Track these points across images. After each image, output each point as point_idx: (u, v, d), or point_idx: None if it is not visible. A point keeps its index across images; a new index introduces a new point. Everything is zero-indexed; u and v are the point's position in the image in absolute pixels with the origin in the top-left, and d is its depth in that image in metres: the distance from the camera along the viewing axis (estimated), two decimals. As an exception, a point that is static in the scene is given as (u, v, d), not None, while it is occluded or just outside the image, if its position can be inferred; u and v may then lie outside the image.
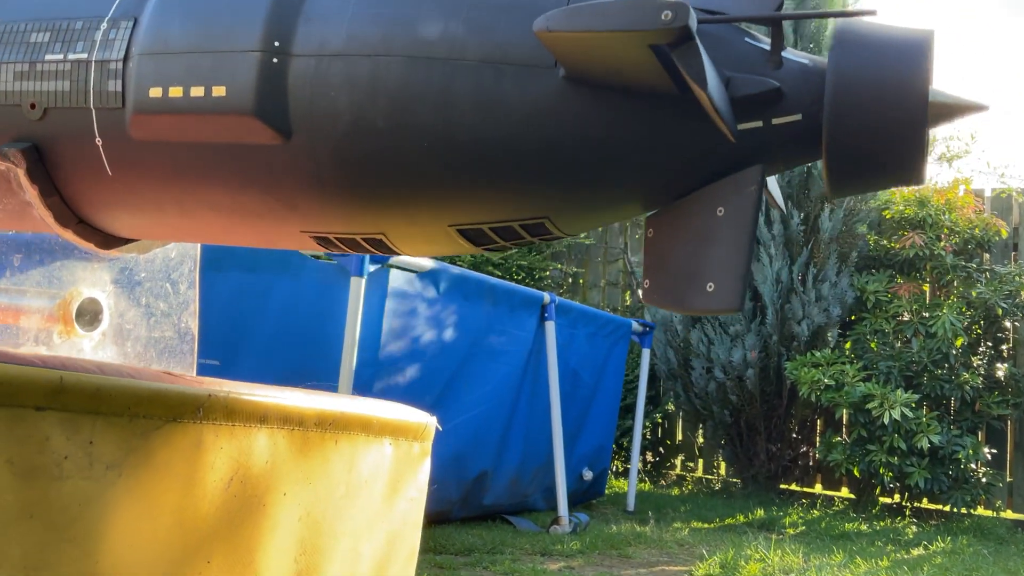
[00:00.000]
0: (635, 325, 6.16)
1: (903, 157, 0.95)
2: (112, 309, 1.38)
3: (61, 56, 1.21)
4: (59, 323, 1.31)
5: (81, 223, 1.29)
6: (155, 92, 1.14)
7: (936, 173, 7.70)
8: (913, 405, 5.41)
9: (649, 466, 7.10)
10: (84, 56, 1.19)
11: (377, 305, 4.35)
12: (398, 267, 4.49)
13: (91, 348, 1.34)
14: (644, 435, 6.86)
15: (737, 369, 6.20)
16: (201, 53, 1.12)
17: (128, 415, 1.09)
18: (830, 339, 6.18)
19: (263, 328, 4.51)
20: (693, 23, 0.84)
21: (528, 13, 1.02)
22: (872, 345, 6.02)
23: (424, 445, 1.72)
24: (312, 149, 1.09)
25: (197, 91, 1.12)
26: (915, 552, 4.92)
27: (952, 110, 0.95)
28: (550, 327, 5.37)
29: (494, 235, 1.12)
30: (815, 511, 5.96)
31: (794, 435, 6.49)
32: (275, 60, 1.09)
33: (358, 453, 1.53)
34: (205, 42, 1.13)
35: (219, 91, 1.11)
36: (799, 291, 6.15)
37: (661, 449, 7.19)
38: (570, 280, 7.92)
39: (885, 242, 6.29)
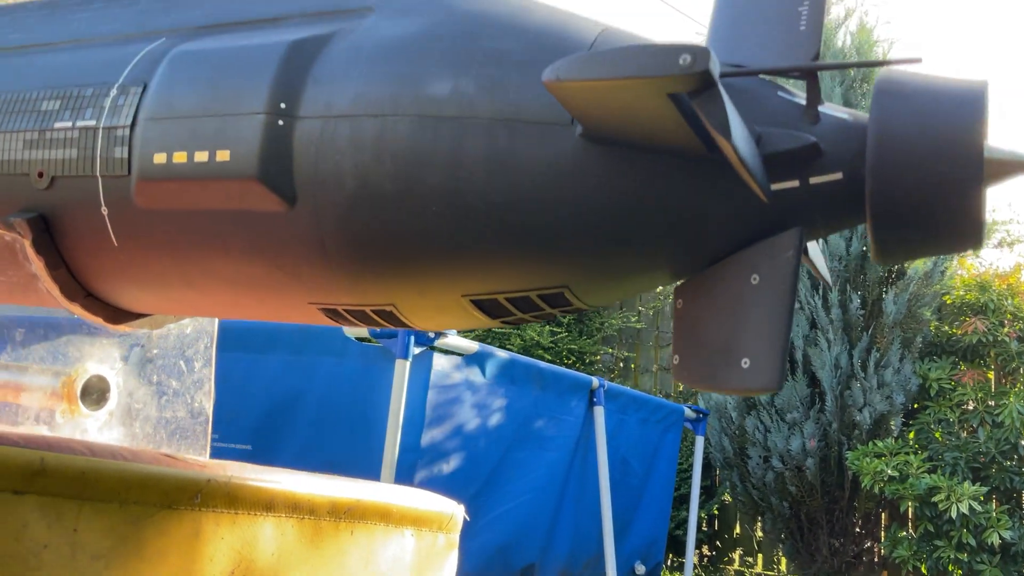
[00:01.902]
0: (688, 411, 5.96)
1: (958, 219, 0.85)
2: (121, 387, 1.32)
3: (70, 124, 1.18)
4: (63, 401, 1.26)
5: (89, 296, 1.25)
6: (159, 158, 1.10)
7: (997, 258, 7.48)
8: (981, 498, 5.10)
9: (706, 560, 6.78)
10: (92, 123, 1.17)
11: (420, 389, 4.28)
12: (443, 350, 4.43)
13: (96, 428, 1.28)
14: (700, 527, 6.58)
15: (796, 458, 5.93)
16: (206, 117, 1.08)
17: (118, 501, 1.01)
18: (893, 428, 5.90)
19: (304, 413, 4.46)
20: (715, 68, 0.77)
21: (542, 68, 0.96)
22: (937, 435, 5.73)
23: (450, 536, 1.61)
24: (316, 216, 1.03)
25: (201, 156, 1.08)
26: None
27: (1011, 167, 0.85)
28: (599, 412, 5.23)
29: (510, 306, 1.03)
30: (884, 612, 5.58)
31: (858, 529, 6.15)
32: (280, 122, 1.05)
33: (376, 544, 1.42)
34: (211, 105, 1.09)
35: (223, 155, 1.06)
36: (860, 377, 5.91)
37: (718, 543, 6.87)
38: (621, 364, 7.77)
39: (947, 328, 6.05)
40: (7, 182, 1.22)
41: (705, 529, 6.80)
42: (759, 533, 6.71)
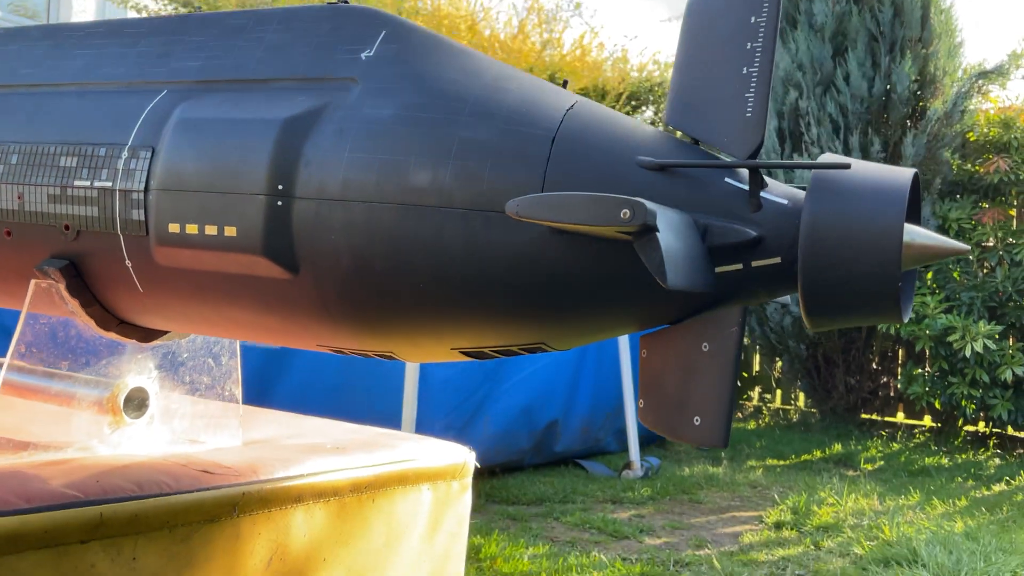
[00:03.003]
0: (706, 263, 6.09)
1: (879, 301, 0.94)
2: (158, 392, 1.49)
3: (88, 183, 1.28)
4: (109, 414, 1.43)
5: (122, 324, 1.39)
6: (174, 228, 1.21)
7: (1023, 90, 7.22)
8: (996, 336, 5.25)
9: (725, 398, 7.11)
10: (109, 184, 1.27)
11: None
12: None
13: (140, 432, 1.45)
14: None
15: (813, 302, 6.10)
16: (212, 193, 1.18)
17: (167, 527, 1.20)
18: (911, 269, 6.00)
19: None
20: (652, 219, 0.84)
21: (513, 159, 1.04)
22: (955, 275, 5.83)
23: (464, 480, 1.80)
24: (318, 284, 1.14)
25: (211, 229, 1.18)
26: (996, 488, 4.86)
27: (931, 253, 0.93)
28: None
29: (497, 353, 1.16)
30: (895, 444, 5.91)
31: (874, 366, 6.40)
32: (279, 203, 1.14)
33: (396, 507, 1.62)
34: (215, 181, 1.18)
35: (230, 231, 1.17)
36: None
37: (737, 382, 7.18)
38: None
39: (969, 166, 6.00)
40: (37, 231, 1.33)
41: (725, 369, 7.09)
42: (778, 372, 7.00)
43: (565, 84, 1.21)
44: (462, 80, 1.13)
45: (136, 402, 1.46)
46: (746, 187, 1.00)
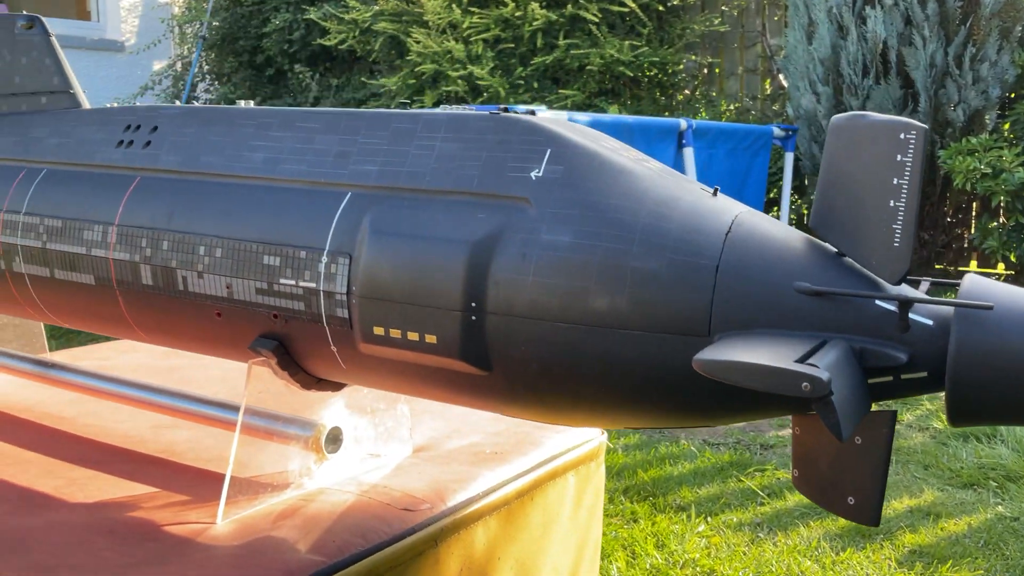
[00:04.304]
0: (776, 131, 6.05)
1: (1018, 413, 1.08)
2: (348, 425, 1.72)
3: (293, 282, 1.46)
4: (313, 452, 1.67)
5: (321, 381, 1.60)
6: (378, 330, 1.38)
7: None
8: (1077, 191, 5.22)
9: (796, 257, 7.19)
10: (313, 285, 1.44)
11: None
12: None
13: (338, 459, 1.70)
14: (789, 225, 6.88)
15: (886, 161, 6.05)
16: (413, 305, 1.35)
17: (390, 572, 1.45)
18: (988, 122, 5.88)
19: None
20: (829, 388, 0.98)
21: (682, 289, 1.18)
22: (1035, 127, 5.71)
23: (599, 459, 2.03)
24: (508, 381, 1.32)
25: (413, 336, 1.35)
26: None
27: None
28: (688, 153, 5.41)
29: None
30: (968, 298, 6.00)
31: (948, 220, 6.40)
32: (474, 318, 1.30)
33: (548, 497, 1.86)
34: (415, 294, 1.34)
35: (431, 339, 1.34)
36: (954, 74, 5.79)
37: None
38: (705, 71, 7.67)
39: (1054, 10, 5.72)
40: (248, 316, 1.53)
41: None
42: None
43: (716, 192, 1.31)
44: (628, 206, 1.26)
45: (333, 438, 1.69)
46: (894, 309, 1.12)
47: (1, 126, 1.92)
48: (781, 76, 7.24)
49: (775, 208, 6.75)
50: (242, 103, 5.69)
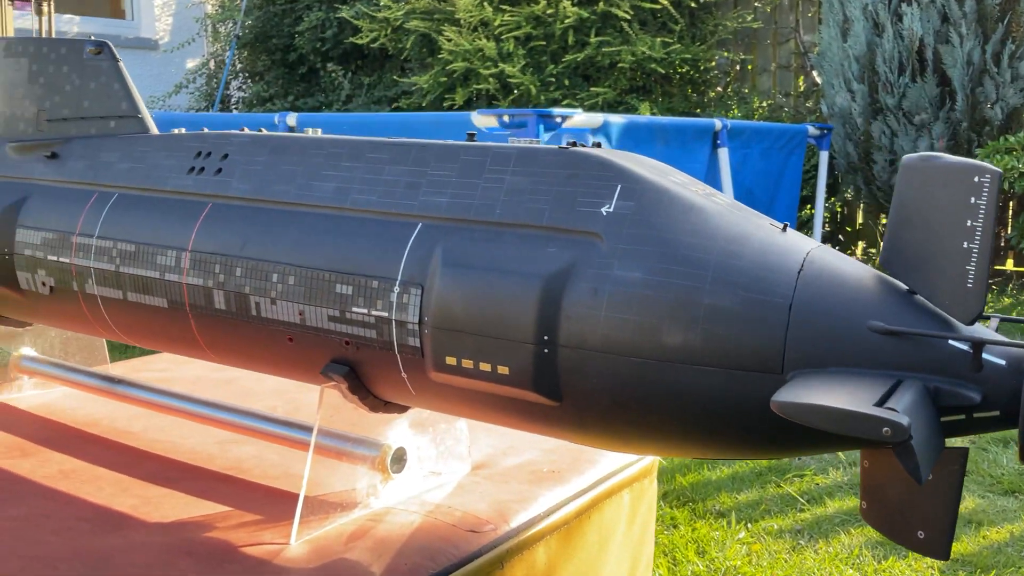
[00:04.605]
0: (811, 129, 6.02)
1: None
2: (412, 446, 1.76)
3: (366, 311, 1.49)
4: (380, 472, 1.71)
5: (388, 404, 1.64)
6: (451, 360, 1.42)
7: None
8: (1118, 192, 5.16)
9: (829, 256, 7.16)
10: (385, 315, 1.47)
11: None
12: (571, 130, 4.61)
13: (402, 481, 1.74)
14: (822, 224, 6.86)
15: (922, 160, 6.01)
16: (486, 337, 1.38)
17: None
18: (1026, 121, 5.82)
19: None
20: (909, 433, 1.00)
21: (755, 326, 1.20)
22: (1075, 126, 5.65)
23: (652, 476, 2.06)
24: (579, 412, 1.35)
25: (485, 366, 1.38)
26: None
27: None
28: (723, 154, 5.40)
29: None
30: (1006, 298, 5.96)
31: (984, 218, 6.34)
32: (546, 351, 1.33)
33: (605, 515, 1.89)
34: (488, 326, 1.37)
35: (503, 369, 1.37)
36: (992, 72, 5.73)
37: (840, 236, 7.21)
38: (737, 67, 7.64)
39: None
40: (320, 341, 1.57)
41: (827, 228, 7.12)
42: (882, 227, 6.99)
43: (785, 228, 1.33)
44: (699, 243, 1.28)
45: (398, 458, 1.73)
46: (968, 349, 1.14)
47: (72, 149, 1.97)
48: (815, 73, 7.20)
49: (808, 206, 6.72)
50: (291, 119, 5.64)
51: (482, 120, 4.68)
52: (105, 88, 1.97)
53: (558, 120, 4.58)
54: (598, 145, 1.53)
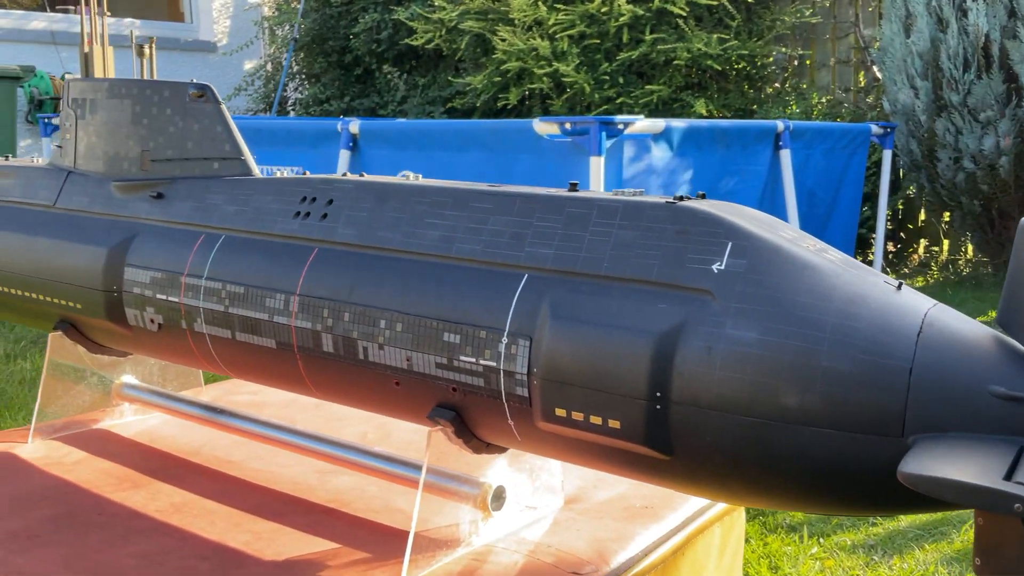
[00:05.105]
0: (874, 128, 5.93)
1: None
2: (510, 483, 1.80)
3: (474, 360, 1.53)
4: (481, 510, 1.76)
5: (490, 445, 1.68)
6: (560, 412, 1.45)
7: None
8: None
9: (891, 256, 7.07)
10: (493, 364, 1.51)
11: (615, 175, 4.55)
12: (632, 136, 4.61)
13: (502, 518, 1.79)
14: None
15: (989, 157, 5.89)
16: (597, 391, 1.40)
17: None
18: (1099, 117, 5.67)
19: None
20: None
21: (875, 389, 1.21)
22: None
23: (741, 508, 2.08)
24: (690, 467, 1.37)
25: (596, 419, 1.41)
26: None
27: None
28: (785, 156, 5.34)
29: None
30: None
31: (1052, 218, 6.20)
32: (658, 407, 1.35)
33: (698, 551, 1.91)
34: (599, 380, 1.39)
35: (614, 423, 1.39)
36: (1063, 68, 5.59)
37: (902, 234, 7.10)
38: (795, 63, 7.53)
39: None
40: (426, 386, 1.61)
41: (889, 226, 7.00)
42: (945, 223, 6.87)
43: (900, 286, 1.34)
44: (815, 304, 1.29)
45: (498, 496, 1.77)
46: None
47: (177, 190, 2.04)
48: (875, 68, 7.08)
49: (869, 204, 6.63)
50: (354, 126, 5.66)
51: (543, 127, 4.69)
52: (208, 130, 2.02)
53: (620, 126, 4.58)
54: (702, 196, 1.54)
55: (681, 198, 1.50)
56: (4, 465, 2.09)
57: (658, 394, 1.35)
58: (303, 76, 8.65)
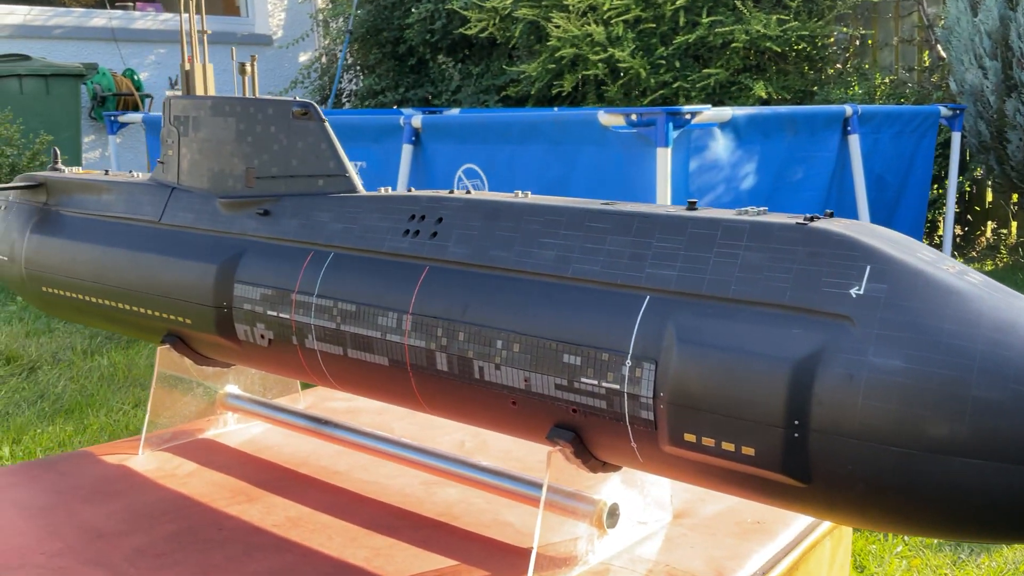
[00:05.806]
0: (943, 110, 5.79)
1: None
2: (623, 501, 1.80)
3: (596, 382, 1.52)
4: (596, 528, 1.76)
5: (605, 464, 1.68)
6: (689, 437, 1.43)
7: None
8: None
9: (958, 239, 6.91)
10: (617, 387, 1.49)
11: (682, 168, 4.50)
12: (699, 125, 4.56)
13: (615, 536, 1.79)
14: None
15: (1062, 138, 5.73)
16: (729, 418, 1.38)
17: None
18: None
19: (571, 194, 4.84)
20: None
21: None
22: None
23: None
24: (829, 495, 1.36)
25: (728, 446, 1.39)
26: None
27: None
28: (854, 141, 5.25)
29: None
30: None
31: None
32: (796, 435, 1.33)
33: (811, 567, 1.89)
34: (731, 406, 1.38)
35: (748, 450, 1.38)
36: None
37: (969, 216, 6.93)
38: (857, 42, 7.37)
39: None
40: (545, 407, 1.61)
41: (957, 209, 6.84)
42: (1015, 203, 6.69)
43: None
44: (963, 331, 1.26)
45: (612, 513, 1.78)
46: None
47: (283, 207, 2.06)
48: (940, 47, 6.89)
49: (936, 187, 6.49)
50: (416, 120, 5.65)
51: (609, 119, 4.65)
52: (313, 147, 2.03)
53: (687, 116, 4.52)
54: (831, 215, 1.51)
55: (812, 218, 1.47)
56: (120, 478, 2.14)
57: (796, 422, 1.33)
58: (357, 67, 8.68)
